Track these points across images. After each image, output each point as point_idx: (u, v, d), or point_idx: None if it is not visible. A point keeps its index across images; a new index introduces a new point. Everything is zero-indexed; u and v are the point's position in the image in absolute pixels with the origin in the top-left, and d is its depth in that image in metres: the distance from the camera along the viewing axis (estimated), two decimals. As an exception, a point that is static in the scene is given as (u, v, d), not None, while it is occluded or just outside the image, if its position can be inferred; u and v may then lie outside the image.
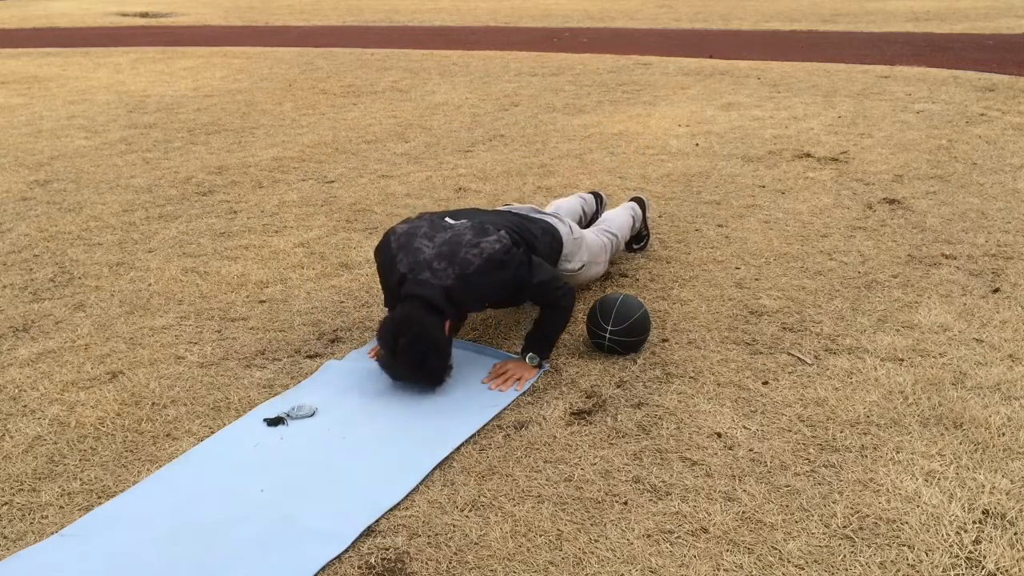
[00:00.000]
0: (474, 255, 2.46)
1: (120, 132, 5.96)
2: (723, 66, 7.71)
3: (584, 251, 2.95)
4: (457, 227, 2.57)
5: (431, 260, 2.47)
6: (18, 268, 3.57)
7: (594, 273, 3.09)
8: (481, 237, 2.51)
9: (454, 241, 2.51)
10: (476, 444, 2.28)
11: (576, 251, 2.91)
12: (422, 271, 2.47)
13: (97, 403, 2.53)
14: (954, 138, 5.00)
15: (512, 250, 2.51)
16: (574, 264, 2.90)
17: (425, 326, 2.39)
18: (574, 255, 2.90)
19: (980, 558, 1.82)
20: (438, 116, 6.15)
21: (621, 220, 3.28)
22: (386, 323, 2.44)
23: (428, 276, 2.45)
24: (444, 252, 2.48)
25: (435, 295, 2.43)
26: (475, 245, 2.48)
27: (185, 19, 13.81)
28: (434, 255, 2.48)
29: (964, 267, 3.24)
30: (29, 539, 1.98)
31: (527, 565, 1.85)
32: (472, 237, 2.51)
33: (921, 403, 2.38)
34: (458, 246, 2.49)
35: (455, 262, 2.46)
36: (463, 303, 2.49)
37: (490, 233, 2.54)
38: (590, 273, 3.05)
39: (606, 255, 3.12)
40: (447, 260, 2.47)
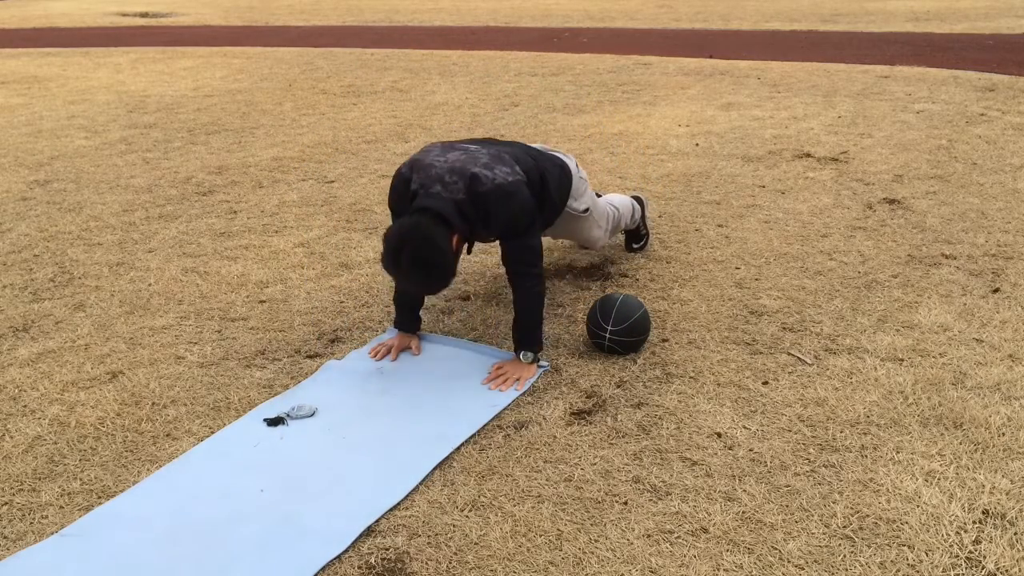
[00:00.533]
0: (487, 177, 2.42)
1: (120, 132, 5.96)
2: (723, 66, 7.71)
3: (588, 196, 2.93)
4: (472, 150, 2.53)
5: (443, 174, 2.43)
6: (18, 268, 3.57)
7: (595, 237, 3.06)
8: (497, 164, 2.47)
9: (468, 159, 2.47)
10: (476, 444, 2.28)
11: (582, 191, 2.88)
12: (433, 184, 2.42)
13: (97, 403, 2.53)
14: (954, 138, 5.00)
15: (524, 189, 2.48)
16: (579, 204, 2.87)
17: (432, 235, 2.31)
18: (580, 195, 2.87)
19: (980, 558, 1.82)
20: (438, 116, 6.15)
21: (622, 200, 3.28)
22: (392, 228, 2.37)
23: (439, 189, 2.41)
24: (457, 168, 2.44)
25: (445, 207, 2.38)
26: (490, 168, 2.45)
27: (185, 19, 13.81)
28: (446, 169, 2.44)
29: (964, 267, 3.25)
30: (29, 539, 1.98)
31: (527, 565, 1.85)
32: (488, 160, 2.48)
33: (921, 403, 2.38)
34: (473, 164, 2.45)
35: (466, 177, 2.42)
36: (474, 222, 2.44)
37: (506, 163, 2.50)
38: (592, 233, 3.01)
39: (607, 224, 3.10)
40: (459, 175, 2.42)
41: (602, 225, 3.06)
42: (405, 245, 2.30)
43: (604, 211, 3.08)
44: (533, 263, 2.54)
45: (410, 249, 2.29)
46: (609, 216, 3.11)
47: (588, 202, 2.92)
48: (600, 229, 3.06)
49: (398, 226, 2.36)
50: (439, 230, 2.34)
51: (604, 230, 3.09)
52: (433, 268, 2.33)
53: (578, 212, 2.87)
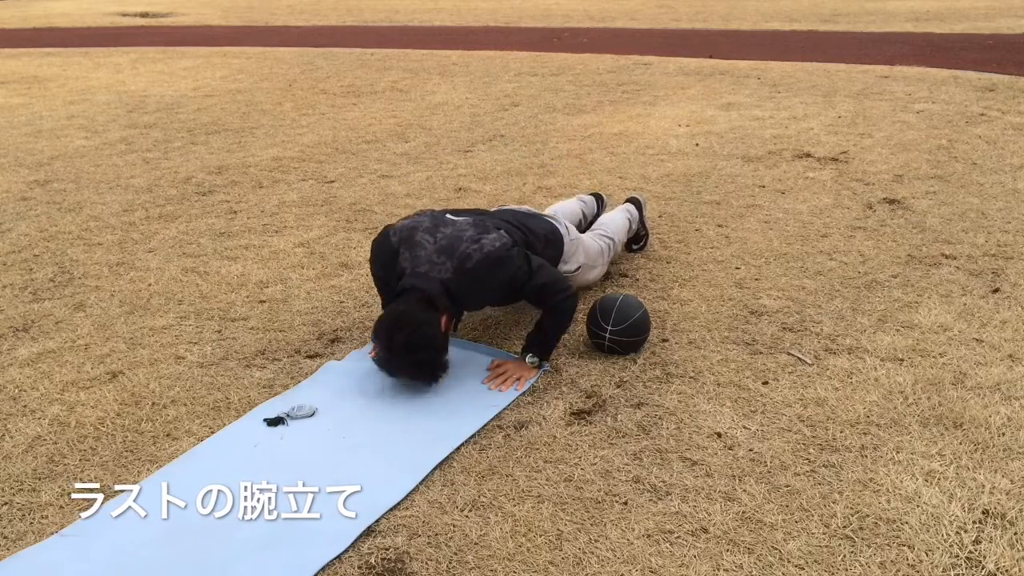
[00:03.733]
0: (474, 250, 2.46)
1: (120, 132, 5.96)
2: (723, 66, 7.70)
3: (580, 253, 2.95)
4: (459, 223, 2.57)
5: (431, 255, 2.48)
6: (18, 268, 3.57)
7: (592, 277, 3.09)
8: (482, 234, 2.51)
9: (455, 236, 2.51)
10: (476, 444, 2.28)
11: (573, 253, 2.91)
12: (421, 265, 2.47)
13: (97, 403, 2.52)
14: (954, 138, 5.00)
15: (512, 249, 2.52)
16: (570, 266, 2.90)
17: (421, 323, 2.38)
18: (571, 257, 2.90)
19: (980, 558, 1.82)
20: (438, 116, 6.15)
21: (617, 224, 3.28)
22: (383, 319, 2.44)
23: (427, 269, 2.46)
24: (444, 246, 2.48)
25: (433, 288, 2.43)
26: (475, 241, 2.48)
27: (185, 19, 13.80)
28: (434, 250, 2.48)
29: (964, 267, 3.24)
30: (29, 539, 1.98)
31: (527, 565, 1.85)
32: (473, 233, 2.51)
33: (921, 403, 2.38)
34: (458, 241, 2.49)
35: (454, 256, 2.46)
36: (461, 298, 2.49)
37: (491, 231, 2.54)
38: (588, 277, 3.05)
39: (603, 259, 3.12)
40: (446, 254, 2.47)
41: (597, 264, 3.09)
42: (396, 334, 2.37)
43: (598, 249, 3.08)
44: (556, 292, 2.57)
45: (403, 339, 2.36)
46: (603, 251, 3.12)
47: (580, 260, 2.95)
48: (595, 270, 3.09)
49: (388, 315, 2.44)
50: (427, 316, 2.40)
51: (600, 266, 3.12)
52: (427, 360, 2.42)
53: (570, 273, 2.90)
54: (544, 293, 2.56)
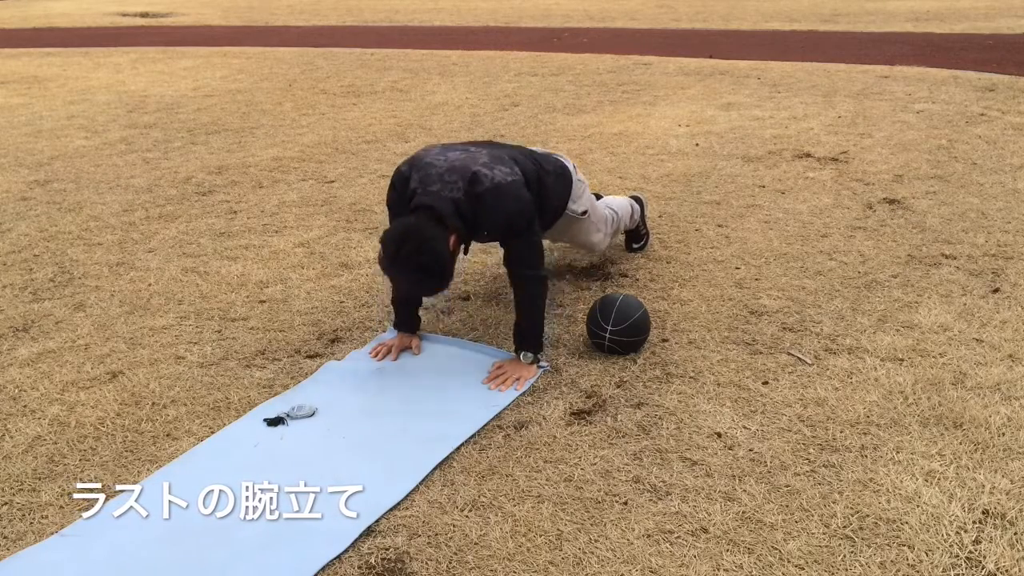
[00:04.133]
0: (486, 176, 2.42)
1: (120, 132, 5.96)
2: (723, 66, 7.70)
3: (587, 198, 2.92)
4: (472, 150, 2.54)
5: (442, 173, 2.43)
6: (18, 268, 3.57)
7: (596, 240, 3.06)
8: (496, 164, 2.47)
9: (468, 159, 2.47)
10: (476, 444, 2.28)
11: (581, 194, 2.88)
12: (432, 183, 2.42)
13: (97, 403, 2.53)
14: (954, 138, 5.00)
15: (522, 188, 2.47)
16: (578, 207, 2.86)
17: (430, 237, 2.31)
18: (579, 197, 2.86)
19: (980, 558, 1.82)
20: (438, 116, 6.15)
21: (621, 203, 3.28)
22: (390, 230, 2.36)
23: (438, 188, 2.40)
24: (456, 166, 2.44)
25: (444, 206, 2.37)
26: (489, 167, 2.44)
27: (185, 19, 13.80)
28: (446, 168, 2.44)
29: (964, 267, 3.24)
30: (29, 539, 1.98)
31: (527, 565, 1.85)
32: (488, 160, 2.47)
33: (921, 403, 2.38)
34: (472, 162, 2.45)
35: (466, 177, 2.41)
36: (471, 221, 2.44)
37: (506, 163, 2.50)
38: (592, 237, 3.01)
39: (607, 227, 3.10)
40: (458, 174, 2.42)
41: (601, 228, 3.06)
42: (403, 246, 2.29)
43: (603, 214, 3.08)
44: (534, 264, 2.54)
45: (408, 250, 2.28)
46: (608, 219, 3.11)
47: (587, 204, 2.92)
48: (600, 233, 3.06)
49: (396, 227, 2.36)
50: (437, 231, 2.34)
51: (604, 233, 3.09)
52: (430, 270, 2.33)
53: (577, 214, 2.87)
54: (523, 253, 2.52)
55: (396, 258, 2.30)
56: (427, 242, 2.30)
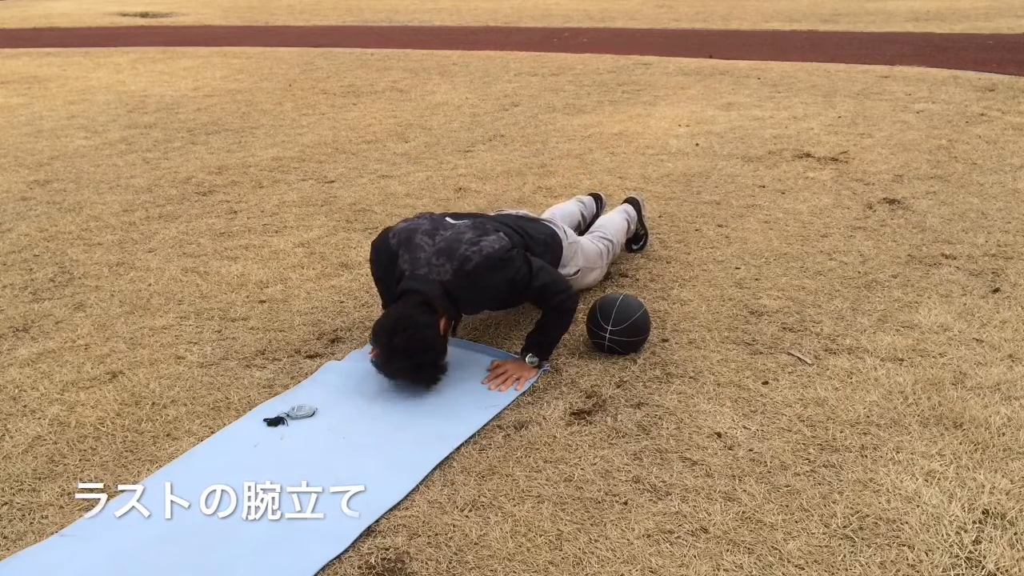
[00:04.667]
0: (473, 252, 2.46)
1: (120, 132, 5.96)
2: (723, 66, 7.70)
3: (579, 257, 2.96)
4: (458, 226, 2.58)
5: (430, 256, 2.48)
6: (18, 268, 3.57)
7: (591, 280, 3.09)
8: (481, 236, 2.52)
9: (454, 238, 2.51)
10: (476, 444, 2.28)
11: (572, 257, 2.92)
12: (420, 267, 2.47)
13: (97, 403, 2.52)
14: (954, 138, 5.00)
15: (511, 251, 2.52)
16: (569, 270, 2.90)
17: (420, 326, 2.39)
18: (569, 260, 2.90)
19: (980, 558, 1.82)
20: (438, 116, 6.15)
21: (616, 225, 3.28)
22: (381, 321, 2.45)
23: (426, 271, 2.46)
24: (443, 248, 2.48)
25: (432, 290, 2.43)
26: (475, 243, 2.48)
27: (185, 19, 13.80)
28: (433, 252, 2.49)
29: (964, 267, 3.24)
30: (29, 539, 1.98)
31: (527, 565, 1.85)
32: (473, 236, 2.52)
33: (921, 403, 2.38)
34: (458, 243, 2.49)
35: (454, 258, 2.46)
36: (460, 300, 2.49)
37: (490, 233, 2.54)
38: (587, 280, 3.06)
39: (602, 261, 3.12)
40: (446, 256, 2.47)
41: (596, 267, 3.10)
42: (395, 337, 2.37)
43: (597, 252, 3.09)
44: (557, 292, 2.57)
45: (401, 341, 2.37)
46: (602, 253, 3.12)
47: (578, 263, 2.96)
48: (594, 272, 3.10)
49: (387, 318, 2.44)
50: (427, 319, 2.41)
51: (599, 269, 3.13)
52: (425, 363, 2.43)
53: (568, 276, 2.90)
54: (545, 294, 2.56)
55: (390, 351, 2.39)
56: (419, 329, 2.38)
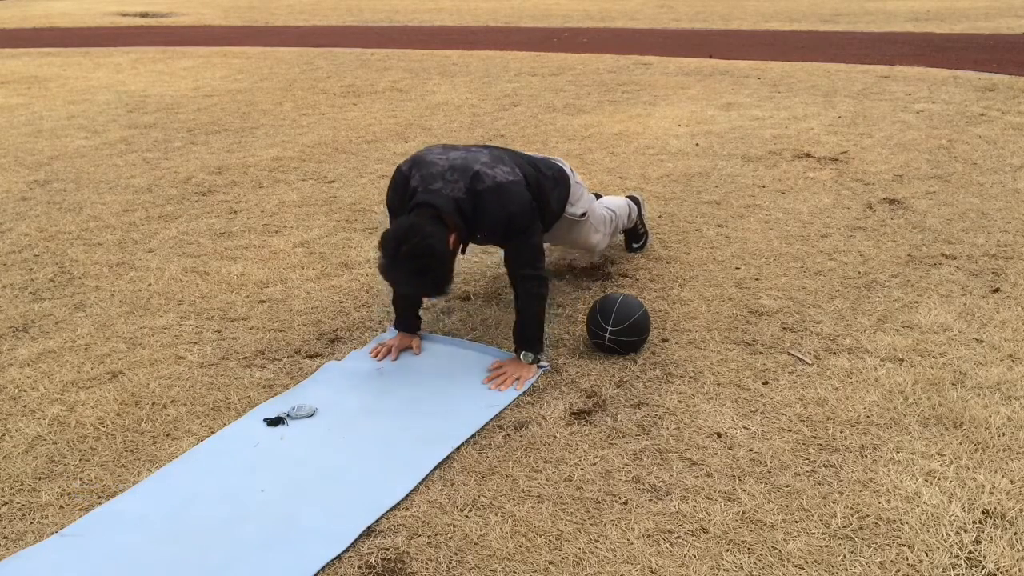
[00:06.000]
0: (487, 175, 2.43)
1: (120, 132, 5.96)
2: (723, 66, 7.71)
3: (585, 200, 2.93)
4: (474, 150, 2.56)
5: (444, 171, 2.44)
6: (18, 268, 3.57)
7: (595, 241, 3.07)
8: (497, 164, 2.49)
9: (470, 157, 2.48)
10: (476, 444, 2.28)
11: (579, 197, 2.89)
12: (434, 181, 2.42)
13: (97, 403, 2.53)
14: (954, 138, 5.00)
15: (523, 188, 2.49)
16: (577, 209, 2.87)
17: (429, 235, 2.30)
18: (577, 200, 2.88)
19: (980, 558, 1.82)
20: (438, 116, 6.15)
21: (618, 202, 3.28)
22: (390, 230, 2.35)
23: (440, 186, 2.41)
24: (457, 165, 2.45)
25: (445, 204, 2.38)
26: (491, 167, 2.46)
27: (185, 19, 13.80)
28: (447, 167, 2.45)
29: (964, 267, 3.24)
30: (29, 539, 1.98)
31: (527, 565, 1.85)
32: (489, 160, 2.49)
33: (921, 403, 2.38)
34: (473, 161, 2.46)
35: (467, 175, 2.42)
36: (471, 218, 2.44)
37: (506, 164, 2.51)
38: (592, 238, 3.02)
39: (606, 228, 3.11)
40: (459, 172, 2.43)
41: (600, 229, 3.07)
42: (402, 244, 2.27)
43: (601, 215, 3.08)
44: (535, 263, 2.55)
45: (408, 249, 2.27)
46: (607, 219, 3.11)
47: (585, 206, 2.93)
48: (599, 234, 3.07)
49: (395, 225, 2.35)
50: (437, 229, 2.33)
51: (603, 234, 3.10)
52: (430, 270, 2.31)
53: (576, 217, 2.88)
54: (524, 254, 2.53)
55: (396, 257, 2.28)
56: (427, 239, 2.29)
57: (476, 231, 2.49)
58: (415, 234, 2.29)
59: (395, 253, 2.28)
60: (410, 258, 2.27)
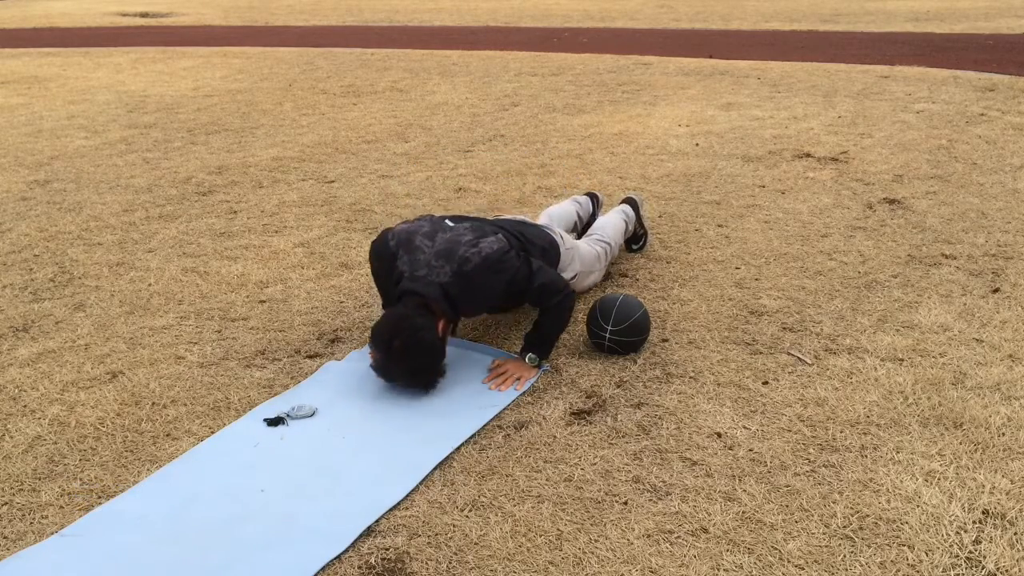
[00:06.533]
0: (472, 254, 2.47)
1: (120, 132, 5.96)
2: (723, 66, 7.71)
3: (576, 262, 2.96)
4: (457, 228, 2.59)
5: (430, 258, 2.49)
6: (18, 268, 3.57)
7: (589, 283, 3.10)
8: (480, 238, 2.53)
9: (453, 240, 2.52)
10: (476, 444, 2.28)
11: (569, 262, 2.92)
12: (419, 268, 2.49)
13: (97, 403, 2.53)
14: (954, 138, 5.00)
15: (510, 253, 2.53)
16: (566, 274, 2.90)
17: (419, 328, 2.39)
18: (567, 266, 2.91)
19: (980, 558, 1.82)
20: (438, 116, 6.15)
21: (614, 226, 3.28)
22: (380, 324, 2.45)
23: (424, 273, 2.48)
24: (442, 251, 2.50)
25: (432, 292, 2.44)
26: (474, 245, 2.50)
27: (185, 19, 13.81)
28: (432, 254, 2.50)
29: (964, 267, 3.24)
30: (29, 539, 1.98)
31: (527, 565, 1.85)
32: (472, 237, 2.53)
33: (921, 403, 2.38)
34: (457, 244, 2.50)
35: (453, 259, 2.47)
36: (460, 302, 2.49)
37: (488, 235, 2.56)
38: (584, 283, 3.06)
39: (600, 264, 3.12)
40: (445, 258, 2.48)
41: (594, 271, 3.10)
42: (395, 340, 2.38)
43: (594, 256, 3.09)
44: (556, 292, 2.58)
45: (400, 344, 2.38)
46: (600, 256, 3.12)
47: (576, 268, 2.96)
48: (592, 275, 3.10)
49: (385, 321, 2.44)
50: (426, 321, 2.42)
51: (597, 271, 3.13)
52: (425, 367, 2.44)
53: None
54: (544, 293, 2.57)
55: (389, 352, 2.40)
56: (417, 332, 2.39)
57: (465, 311, 2.59)
58: (405, 328, 2.40)
59: (388, 348, 2.40)
60: (403, 353, 2.39)
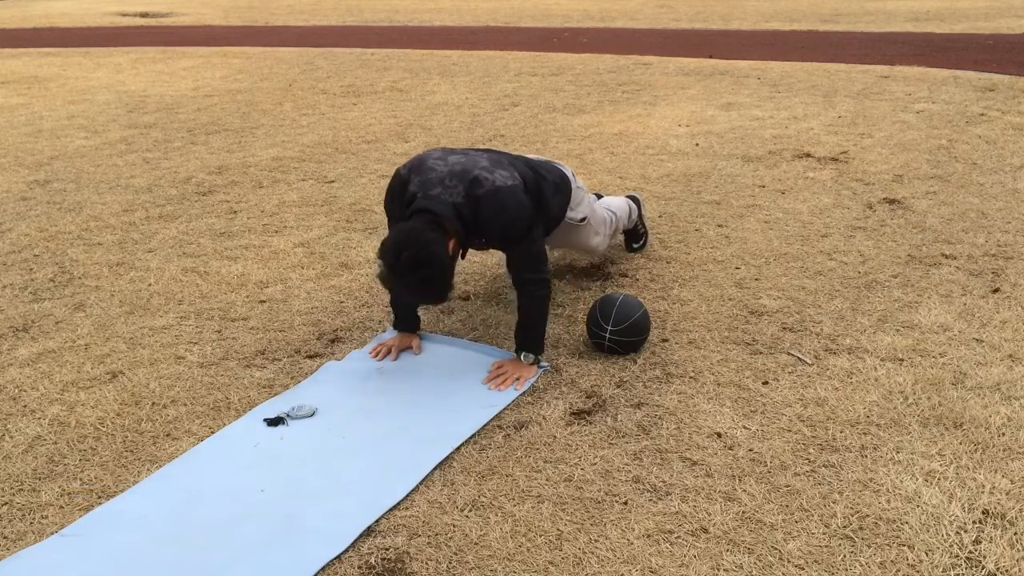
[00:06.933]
0: (486, 179, 2.43)
1: (120, 132, 5.96)
2: (723, 66, 7.71)
3: (586, 205, 2.93)
4: (473, 154, 2.55)
5: (443, 177, 2.43)
6: (18, 268, 3.57)
7: (595, 243, 3.06)
8: (497, 168, 2.48)
9: (469, 162, 2.47)
10: (476, 444, 2.28)
11: (580, 202, 2.88)
12: (432, 187, 2.42)
13: (97, 403, 2.53)
14: (954, 138, 5.00)
15: (523, 194, 2.48)
16: (577, 214, 2.86)
17: (429, 242, 2.29)
18: (577, 205, 2.87)
19: (980, 558, 1.82)
20: (438, 116, 6.15)
21: (619, 202, 3.28)
22: (389, 237, 2.35)
23: (439, 191, 2.41)
24: (456, 171, 2.45)
25: (444, 210, 2.37)
26: (489, 172, 2.45)
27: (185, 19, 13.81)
28: (446, 173, 2.44)
29: (964, 267, 3.24)
30: (29, 539, 1.98)
31: (527, 565, 1.85)
32: (488, 164, 2.48)
33: (921, 403, 2.38)
34: (472, 166, 2.46)
35: (466, 180, 2.42)
36: (471, 223, 2.43)
37: (505, 168, 2.51)
38: (591, 240, 3.02)
39: (606, 229, 3.10)
40: (459, 178, 2.43)
41: (600, 231, 3.07)
42: (402, 252, 2.27)
43: (602, 217, 3.08)
44: (537, 268, 2.55)
45: (409, 256, 2.26)
46: (607, 221, 3.11)
47: (586, 211, 2.93)
48: (599, 236, 3.07)
49: (395, 233, 2.35)
50: (436, 235, 2.32)
51: (603, 236, 3.10)
52: (432, 278, 2.31)
53: (576, 221, 2.88)
54: (525, 259, 2.52)
55: (396, 265, 2.28)
56: (428, 245, 2.29)
57: (475, 236, 2.49)
58: (415, 241, 2.29)
59: (396, 261, 2.28)
60: (411, 266, 2.27)
